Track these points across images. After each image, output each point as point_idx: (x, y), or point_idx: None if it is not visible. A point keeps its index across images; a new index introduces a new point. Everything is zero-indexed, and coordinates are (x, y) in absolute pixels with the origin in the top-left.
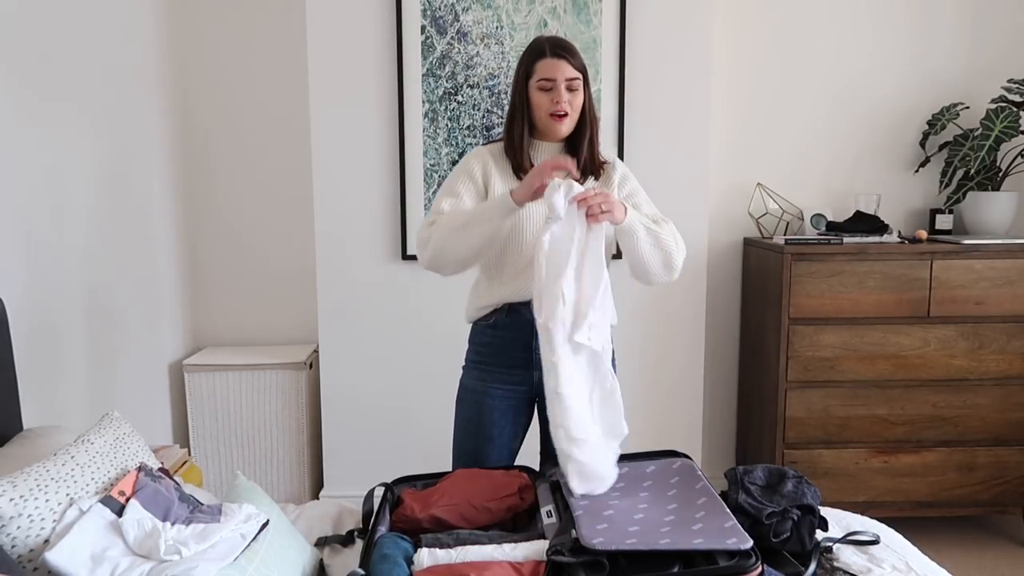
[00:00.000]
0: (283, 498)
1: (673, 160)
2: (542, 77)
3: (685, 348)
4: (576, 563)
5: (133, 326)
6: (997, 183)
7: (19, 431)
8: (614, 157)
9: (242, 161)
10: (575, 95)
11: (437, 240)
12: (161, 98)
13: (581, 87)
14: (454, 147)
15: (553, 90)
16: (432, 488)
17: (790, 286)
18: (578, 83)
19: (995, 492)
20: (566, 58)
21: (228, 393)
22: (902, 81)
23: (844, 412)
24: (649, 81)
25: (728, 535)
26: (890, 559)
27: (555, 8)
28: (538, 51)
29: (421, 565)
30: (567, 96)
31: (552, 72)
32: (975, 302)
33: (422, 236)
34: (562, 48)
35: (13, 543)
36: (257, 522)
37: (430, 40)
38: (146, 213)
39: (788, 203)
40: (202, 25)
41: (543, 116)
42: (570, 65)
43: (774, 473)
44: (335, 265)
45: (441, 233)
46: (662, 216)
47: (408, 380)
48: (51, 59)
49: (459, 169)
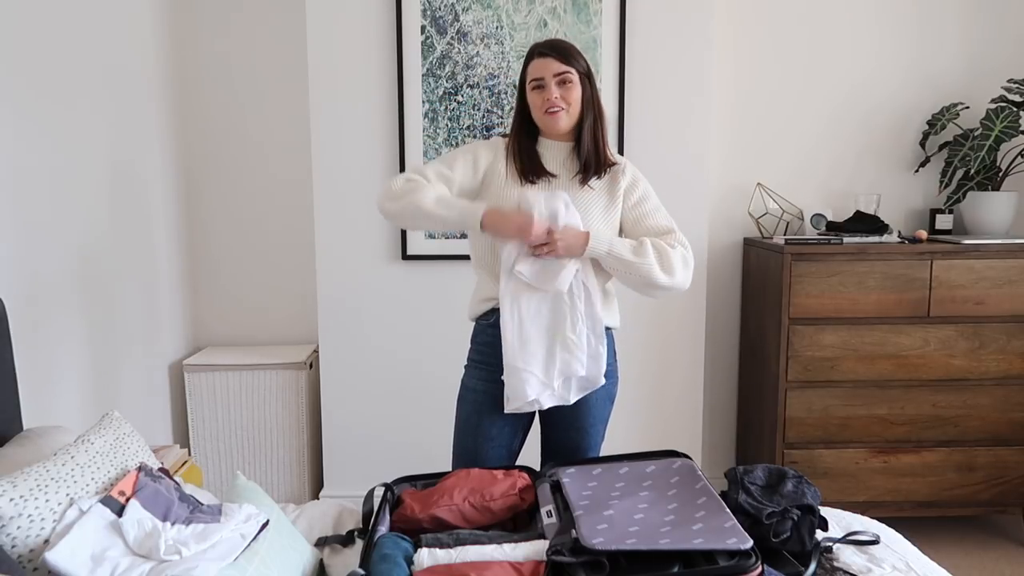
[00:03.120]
0: (283, 498)
1: (673, 160)
2: (532, 78)
3: (685, 348)
4: (576, 563)
5: (133, 326)
6: (997, 183)
7: (19, 431)
8: (625, 163)
9: (242, 161)
10: (568, 89)
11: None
12: (161, 98)
13: (576, 81)
14: (454, 147)
15: (544, 88)
16: (432, 488)
17: (790, 286)
18: (570, 76)
19: (995, 492)
20: (551, 55)
21: (228, 393)
22: (902, 81)
23: (844, 412)
24: (649, 81)
25: (728, 535)
26: (890, 559)
27: (555, 8)
28: (528, 56)
29: (421, 565)
30: (558, 91)
31: (540, 71)
32: (975, 302)
33: (395, 188)
34: (549, 47)
35: (13, 543)
36: (257, 522)
37: (430, 40)
38: (146, 213)
39: (788, 203)
40: (203, 24)
41: (540, 115)
42: (557, 61)
43: (774, 473)
44: (335, 265)
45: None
46: (669, 228)
47: (408, 380)
48: (52, 58)
49: (467, 148)
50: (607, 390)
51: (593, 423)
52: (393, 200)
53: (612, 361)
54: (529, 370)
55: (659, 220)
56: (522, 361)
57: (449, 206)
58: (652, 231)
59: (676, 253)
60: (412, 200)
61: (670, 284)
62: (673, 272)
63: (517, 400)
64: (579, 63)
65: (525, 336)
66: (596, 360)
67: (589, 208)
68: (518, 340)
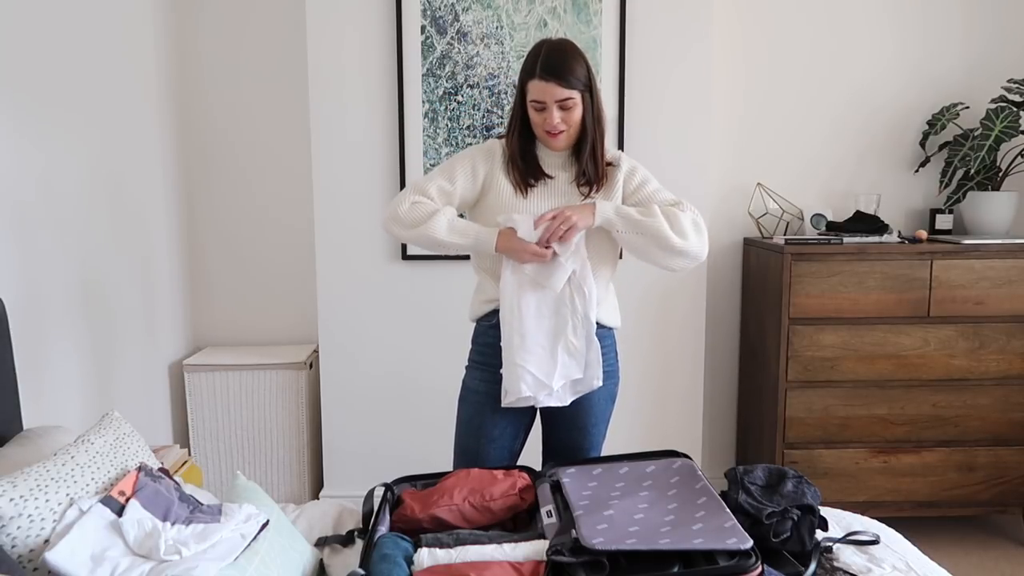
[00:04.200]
0: (283, 498)
1: (673, 160)
2: (533, 99)
3: (685, 348)
4: (576, 563)
5: (133, 326)
6: (997, 183)
7: (19, 431)
8: (618, 154)
9: (242, 161)
10: (570, 113)
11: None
12: (161, 98)
13: (578, 103)
14: (454, 147)
15: (545, 111)
16: (432, 488)
17: (790, 286)
18: (571, 102)
19: (995, 492)
20: (553, 80)
21: (228, 393)
22: (902, 81)
23: (844, 412)
24: (649, 81)
25: (728, 535)
26: (890, 559)
27: (555, 8)
28: (530, 69)
29: (421, 565)
30: (559, 115)
31: (541, 95)
32: (975, 302)
33: (402, 213)
34: (552, 70)
35: (13, 543)
36: (257, 522)
37: (430, 40)
38: (146, 213)
39: (788, 203)
40: (202, 24)
41: (540, 133)
42: (560, 87)
43: (774, 473)
44: (335, 265)
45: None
46: (675, 199)
47: (408, 380)
48: (51, 58)
49: (465, 155)
50: (608, 390)
51: (594, 423)
52: (403, 227)
53: (614, 361)
54: (526, 367)
55: (664, 196)
56: (520, 358)
57: (463, 234)
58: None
59: (686, 216)
60: (423, 232)
61: (683, 247)
62: (685, 234)
63: (512, 395)
64: (580, 81)
65: (524, 333)
66: (592, 365)
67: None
68: (517, 336)
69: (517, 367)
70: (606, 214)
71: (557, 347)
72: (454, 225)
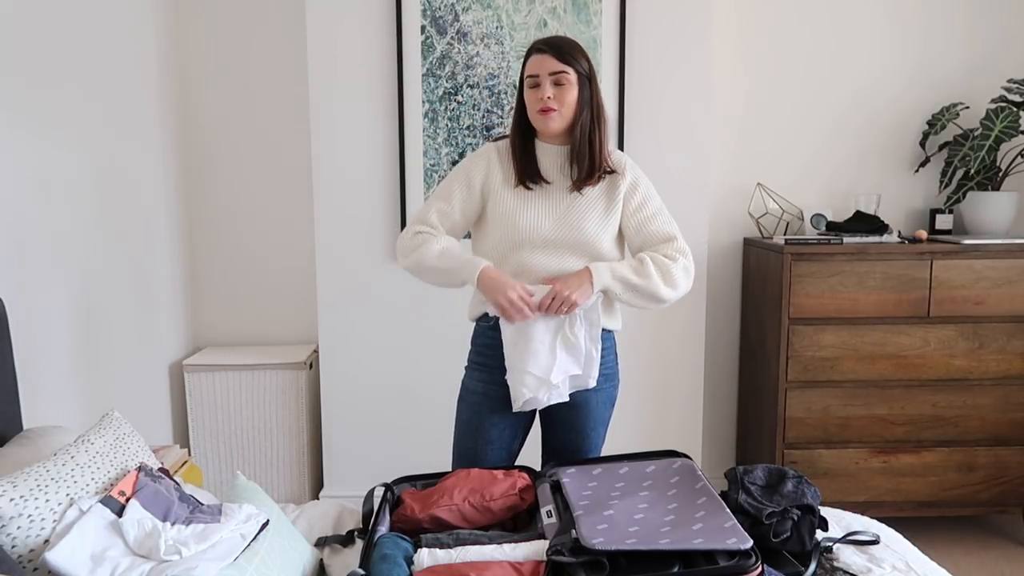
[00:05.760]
0: (283, 498)
1: (673, 160)
2: (528, 74)
3: (685, 348)
4: (576, 563)
5: (133, 326)
6: (997, 183)
7: (19, 431)
8: (625, 165)
9: (242, 161)
10: (563, 90)
11: (414, 264)
12: (161, 98)
13: (572, 82)
14: (454, 147)
15: (539, 86)
16: (432, 488)
17: (790, 286)
18: (566, 78)
19: (995, 492)
20: (549, 52)
21: (228, 393)
22: (902, 81)
23: (844, 412)
24: (649, 81)
25: (728, 535)
26: (890, 559)
27: (555, 8)
28: (528, 51)
29: (421, 565)
30: (552, 91)
31: (535, 68)
32: (975, 302)
33: (405, 244)
34: (548, 44)
35: (13, 543)
36: (257, 522)
37: (430, 40)
38: (146, 213)
39: (788, 203)
40: (202, 24)
41: (533, 115)
42: (554, 59)
43: (774, 473)
44: (335, 265)
45: (418, 262)
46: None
47: (408, 380)
48: (50, 58)
49: (460, 170)
50: (608, 393)
51: (594, 426)
52: (405, 258)
53: (614, 363)
54: (529, 371)
55: (660, 226)
56: (522, 361)
57: (450, 260)
58: (654, 238)
59: (678, 266)
60: (416, 260)
61: (673, 298)
62: (676, 285)
63: (518, 400)
64: (579, 63)
65: (527, 335)
66: (590, 361)
67: (586, 213)
68: (520, 338)
69: (520, 372)
70: (604, 282)
71: (556, 342)
72: (444, 252)
